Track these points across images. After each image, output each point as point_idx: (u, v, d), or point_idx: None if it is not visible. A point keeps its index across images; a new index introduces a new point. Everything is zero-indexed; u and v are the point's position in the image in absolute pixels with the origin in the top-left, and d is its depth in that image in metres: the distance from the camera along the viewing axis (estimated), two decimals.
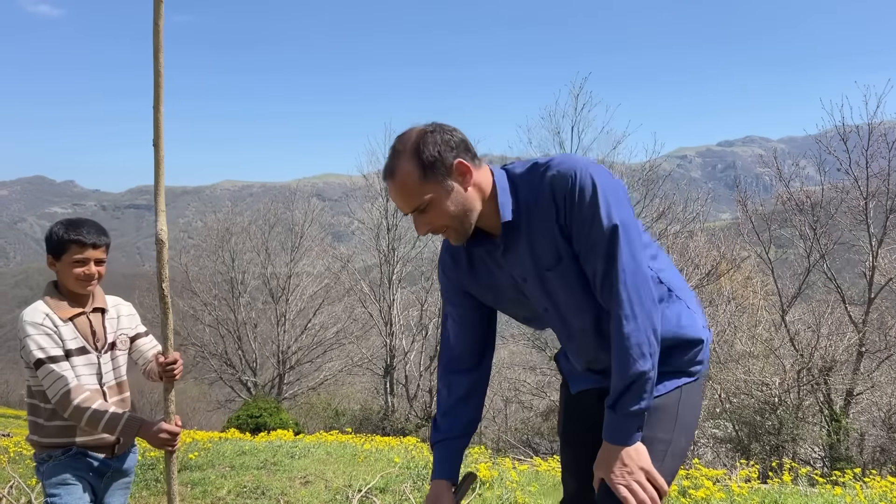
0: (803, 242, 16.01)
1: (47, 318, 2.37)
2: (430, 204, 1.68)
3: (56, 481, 2.38)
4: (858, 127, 15.08)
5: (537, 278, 1.77)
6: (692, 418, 1.84)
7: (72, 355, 2.38)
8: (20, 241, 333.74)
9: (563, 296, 1.77)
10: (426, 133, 1.68)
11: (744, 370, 14.32)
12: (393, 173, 1.68)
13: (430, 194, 1.68)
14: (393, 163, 1.69)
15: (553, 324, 1.89)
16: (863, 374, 14.17)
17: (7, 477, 5.71)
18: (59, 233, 2.40)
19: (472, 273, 1.92)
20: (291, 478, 5.66)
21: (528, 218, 1.73)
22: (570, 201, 1.64)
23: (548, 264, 1.74)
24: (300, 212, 26.86)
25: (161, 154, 2.32)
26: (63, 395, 2.29)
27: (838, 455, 12.64)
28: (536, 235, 1.72)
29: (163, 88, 2.29)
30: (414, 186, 1.67)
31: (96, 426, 2.33)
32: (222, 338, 24.87)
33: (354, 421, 21.46)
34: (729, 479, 6.23)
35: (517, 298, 1.88)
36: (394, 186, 1.69)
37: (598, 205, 1.61)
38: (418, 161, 1.66)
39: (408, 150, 1.67)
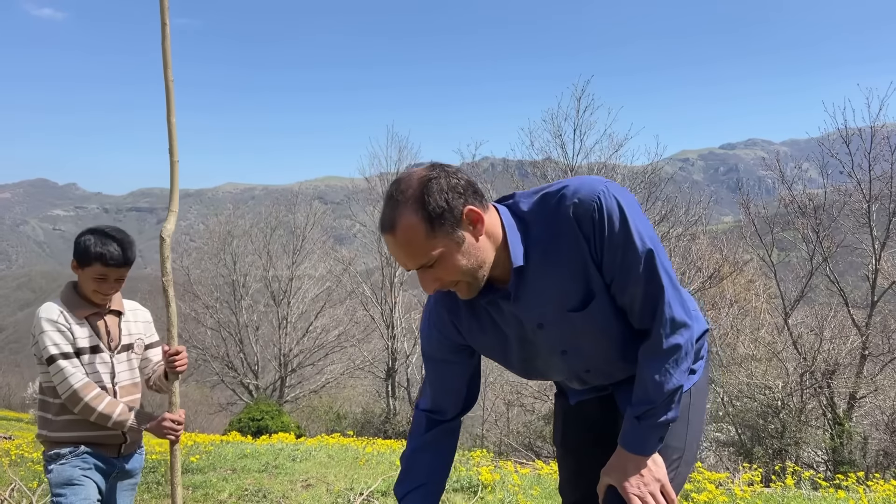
0: (806, 245, 15.98)
1: (62, 315, 2.40)
2: (438, 259, 1.49)
3: (62, 481, 2.40)
4: (861, 130, 15.07)
5: (557, 322, 1.63)
6: (701, 422, 1.82)
7: (83, 353, 2.42)
8: (22, 243, 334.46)
9: (591, 332, 1.64)
10: (430, 179, 1.47)
11: (746, 373, 14.29)
12: (394, 227, 1.47)
13: (438, 249, 1.48)
14: (393, 214, 1.48)
15: (568, 365, 1.74)
16: (866, 377, 14.13)
17: (8, 480, 5.71)
18: (88, 245, 2.40)
19: (473, 326, 1.73)
20: (293, 481, 5.65)
21: (545, 259, 1.57)
22: (601, 231, 1.50)
23: (573, 305, 1.59)
24: (302, 215, 26.88)
25: (175, 158, 2.51)
26: (73, 393, 2.34)
27: (841, 459, 12.61)
28: (556, 276, 1.57)
29: (173, 101, 2.50)
30: (420, 242, 1.47)
31: (106, 422, 2.39)
32: (224, 341, 24.87)
33: (356, 424, 21.45)
34: (732, 482, 6.20)
35: (525, 347, 1.72)
36: (395, 242, 1.49)
37: (630, 231, 1.50)
38: (423, 213, 1.45)
39: (410, 201, 1.46)
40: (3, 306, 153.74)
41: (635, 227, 1.51)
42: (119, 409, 2.40)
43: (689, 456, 1.76)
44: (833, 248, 15.45)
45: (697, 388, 1.81)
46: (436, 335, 1.79)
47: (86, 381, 2.36)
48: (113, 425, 2.40)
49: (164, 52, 2.49)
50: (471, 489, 5.22)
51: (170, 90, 2.48)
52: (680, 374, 1.61)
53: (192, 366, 25.06)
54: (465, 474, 5.56)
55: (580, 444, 1.99)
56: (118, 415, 2.39)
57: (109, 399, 2.40)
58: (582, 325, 1.62)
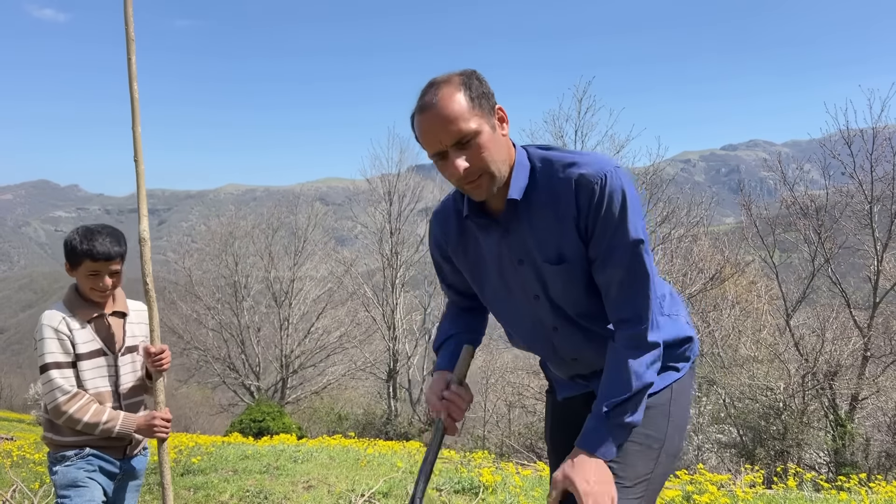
0: (808, 246, 15.95)
1: (64, 322, 2.40)
2: (473, 139, 1.51)
3: (67, 483, 2.41)
4: (863, 131, 15.04)
5: (534, 265, 1.69)
6: (684, 417, 1.82)
7: (83, 359, 2.41)
8: (24, 245, 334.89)
9: (561, 287, 1.69)
10: (470, 72, 1.57)
11: (748, 375, 14.27)
12: (434, 101, 1.50)
13: (476, 124, 1.51)
14: (435, 91, 1.51)
15: (538, 315, 1.77)
16: (868, 378, 14.09)
17: (10, 481, 5.71)
18: (74, 243, 2.41)
19: (459, 248, 1.81)
20: (294, 482, 5.64)
21: (540, 207, 1.62)
22: (597, 207, 1.55)
23: (547, 258, 1.65)
24: (303, 216, 26.90)
25: (141, 168, 2.59)
26: (55, 406, 2.35)
27: (843, 460, 12.58)
28: (542, 227, 1.63)
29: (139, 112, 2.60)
30: (462, 112, 1.49)
31: (93, 431, 2.39)
32: (225, 342, 24.88)
33: (357, 425, 21.45)
34: (733, 484, 6.20)
35: (502, 280, 1.77)
36: (436, 113, 1.50)
37: (626, 215, 1.55)
38: (465, 90, 1.52)
39: (453, 81, 1.53)
40: (5, 307, 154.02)
41: (631, 214, 1.56)
42: (105, 417, 2.39)
43: (672, 448, 1.75)
44: (835, 249, 15.42)
45: (681, 384, 1.81)
46: (436, 254, 1.92)
47: (71, 392, 2.35)
48: (100, 433, 2.40)
49: (130, 65, 2.56)
50: (472, 490, 5.22)
51: (135, 102, 2.55)
52: (651, 373, 1.61)
53: (194, 367, 25.09)
54: (466, 476, 5.56)
55: (565, 441, 1.99)
56: (105, 422, 2.38)
57: (95, 408, 2.39)
58: (553, 279, 1.67)
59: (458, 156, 1.52)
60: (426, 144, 1.55)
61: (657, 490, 1.74)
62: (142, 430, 2.46)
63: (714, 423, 15.14)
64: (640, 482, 1.66)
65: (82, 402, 2.37)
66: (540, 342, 1.85)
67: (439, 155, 1.55)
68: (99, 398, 2.44)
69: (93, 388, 2.43)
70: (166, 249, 44.10)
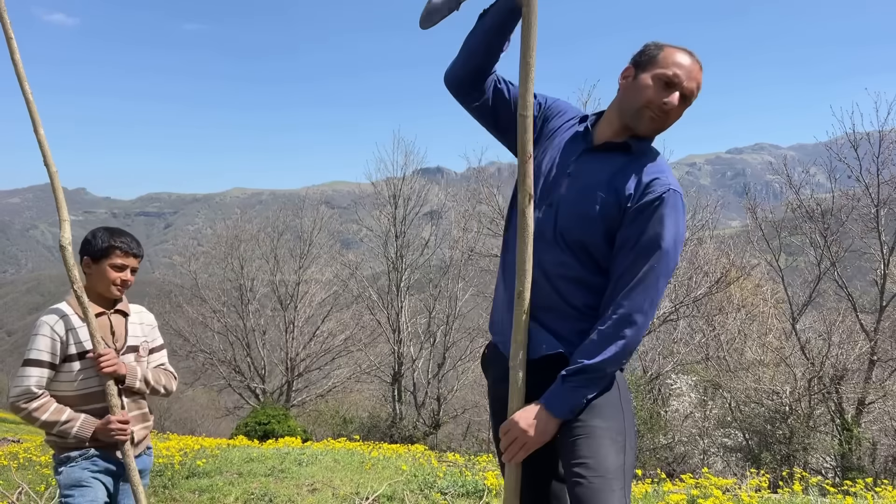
0: (814, 250, 15.90)
1: (62, 322, 2.43)
2: (688, 104, 1.93)
3: (71, 482, 2.43)
4: (869, 134, 14.99)
5: (575, 183, 1.94)
6: (632, 417, 1.92)
7: (73, 360, 2.44)
8: (32, 248, 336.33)
9: (577, 212, 1.90)
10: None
11: (754, 378, 14.22)
12: (699, 63, 1.94)
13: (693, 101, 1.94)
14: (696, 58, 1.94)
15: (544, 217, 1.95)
16: (875, 382, 14.02)
17: (16, 483, 5.74)
18: (104, 238, 2.51)
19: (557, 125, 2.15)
20: (299, 485, 5.65)
21: (627, 165, 1.91)
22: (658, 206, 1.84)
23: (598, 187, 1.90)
24: (309, 219, 26.91)
25: (53, 169, 2.58)
26: (13, 401, 2.38)
27: (850, 465, 12.52)
28: (615, 175, 1.90)
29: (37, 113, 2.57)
30: (700, 85, 1.94)
31: (51, 430, 2.41)
32: (231, 345, 24.91)
33: (362, 428, 21.44)
34: (739, 488, 6.18)
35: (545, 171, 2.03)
36: (696, 67, 1.92)
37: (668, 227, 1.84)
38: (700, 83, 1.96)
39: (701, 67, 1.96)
40: (13, 310, 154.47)
41: (672, 229, 1.84)
42: (65, 416, 2.40)
43: (632, 439, 1.87)
44: (841, 252, 15.36)
45: (622, 381, 1.94)
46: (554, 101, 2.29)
47: (36, 394, 2.38)
48: (58, 433, 2.41)
49: (16, 65, 2.55)
50: (476, 494, 5.22)
51: (30, 102, 2.55)
52: (626, 358, 1.83)
53: (200, 370, 25.11)
54: (470, 479, 5.56)
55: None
56: (63, 422, 2.39)
57: (55, 407, 2.40)
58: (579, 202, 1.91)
59: (680, 104, 1.90)
60: (676, 68, 1.89)
61: (630, 482, 1.83)
62: (100, 433, 2.44)
63: (720, 427, 15.10)
64: (617, 474, 1.74)
65: (43, 401, 2.39)
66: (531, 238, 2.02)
67: (671, 83, 1.88)
68: (86, 398, 2.46)
69: (79, 389, 2.45)
70: (172, 253, 44.22)
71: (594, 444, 1.76)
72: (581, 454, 1.75)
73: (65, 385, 2.45)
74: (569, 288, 1.91)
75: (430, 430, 21.85)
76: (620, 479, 1.74)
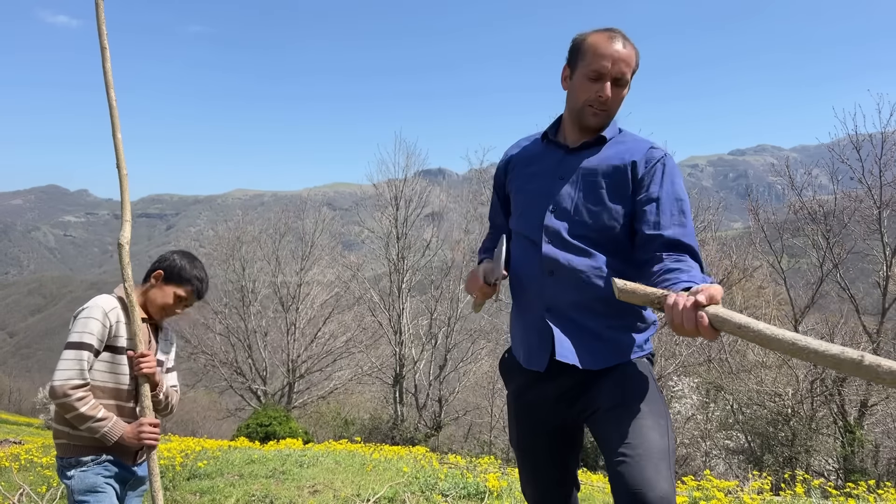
0: (816, 252, 15.87)
1: (116, 310, 2.44)
2: (625, 86, 2.00)
3: (85, 488, 2.41)
4: (872, 136, 14.97)
5: (569, 182, 2.02)
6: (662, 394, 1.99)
7: (119, 353, 2.44)
8: (34, 249, 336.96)
9: (579, 204, 1.99)
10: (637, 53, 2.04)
11: (756, 381, 14.20)
12: (623, 41, 1.97)
13: (630, 79, 2.00)
14: (623, 36, 1.99)
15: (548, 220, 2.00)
16: (877, 385, 13.99)
17: (17, 484, 5.74)
18: (187, 267, 2.56)
19: (524, 164, 2.20)
20: (300, 487, 5.65)
21: (609, 149, 2.03)
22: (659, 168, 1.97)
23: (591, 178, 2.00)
24: (311, 221, 26.96)
25: (124, 171, 2.64)
26: (62, 385, 2.32)
27: (852, 467, 12.49)
28: (604, 160, 2.01)
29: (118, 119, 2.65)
30: (633, 64, 1.98)
31: (81, 424, 2.36)
32: (233, 346, 24.94)
33: (363, 430, 21.45)
34: (741, 490, 6.16)
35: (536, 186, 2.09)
36: (622, 49, 1.95)
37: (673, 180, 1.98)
38: (636, 59, 2.01)
39: (632, 44, 2.00)
40: (14, 311, 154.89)
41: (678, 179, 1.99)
42: (101, 413, 2.37)
43: (671, 428, 1.88)
44: (843, 254, 15.33)
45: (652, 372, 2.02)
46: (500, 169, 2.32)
47: (85, 381, 2.35)
48: (87, 430, 2.37)
49: (106, 73, 2.63)
50: (478, 496, 5.21)
51: (113, 109, 2.62)
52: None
53: (201, 371, 25.13)
54: (472, 481, 5.55)
55: (532, 443, 2.13)
56: (98, 419, 2.36)
57: (93, 402, 2.37)
58: (580, 195, 1.99)
59: (615, 89, 1.98)
60: (598, 60, 1.95)
61: (673, 465, 1.80)
62: (129, 437, 2.43)
63: (722, 430, 15.07)
64: (662, 455, 1.74)
65: (86, 392, 2.36)
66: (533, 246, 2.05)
67: (598, 75, 1.96)
68: (118, 394, 2.45)
69: (115, 382, 2.44)
70: None
71: (638, 425, 1.77)
72: (625, 435, 1.76)
73: (100, 375, 2.43)
74: (595, 284, 1.94)
75: (432, 431, 21.84)
76: (666, 459, 1.73)
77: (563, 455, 2.12)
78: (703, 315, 1.50)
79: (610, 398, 1.88)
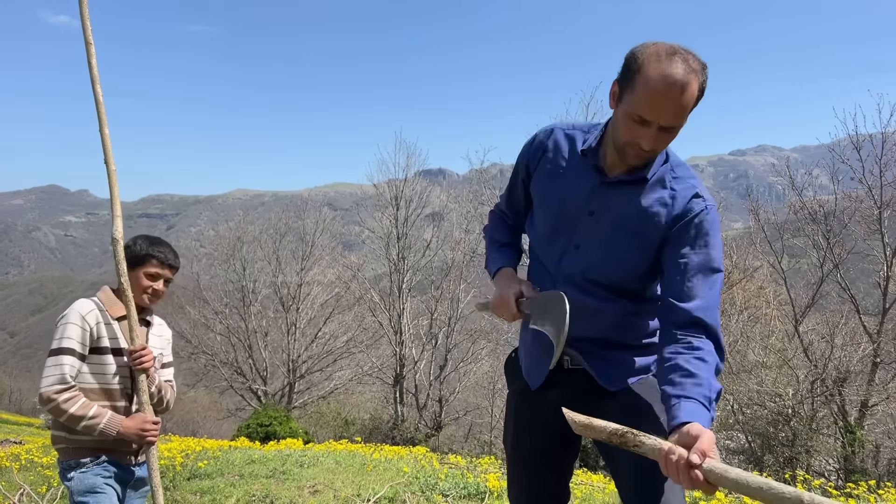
0: (816, 252, 15.85)
1: (94, 313, 2.44)
2: (676, 132, 1.72)
3: (85, 489, 2.41)
4: (872, 136, 14.95)
5: (601, 222, 1.85)
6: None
7: (104, 353, 2.44)
8: (34, 249, 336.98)
9: (607, 252, 1.85)
10: (705, 67, 1.69)
11: (757, 381, 14.19)
12: (685, 85, 1.62)
13: (684, 123, 1.71)
14: (687, 73, 1.63)
15: (570, 261, 1.90)
16: (878, 385, 13.99)
17: (17, 484, 5.74)
18: (143, 245, 2.55)
19: (552, 167, 1.96)
20: (300, 487, 5.65)
21: (651, 189, 1.82)
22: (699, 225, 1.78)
23: (627, 225, 1.82)
24: (311, 221, 26.97)
25: (112, 167, 2.62)
26: (48, 391, 2.34)
27: (853, 467, 12.48)
28: (643, 203, 1.81)
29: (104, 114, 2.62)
30: (688, 108, 1.66)
31: (76, 425, 2.37)
32: (233, 346, 24.94)
33: (364, 430, 21.45)
34: None
35: (560, 216, 1.92)
36: (676, 96, 1.63)
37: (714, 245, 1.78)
38: (699, 90, 1.66)
39: (699, 74, 1.65)
40: (15, 312, 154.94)
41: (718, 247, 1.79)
42: (92, 412, 2.36)
43: None
44: (844, 254, 15.32)
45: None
46: (526, 153, 2.04)
47: (68, 384, 2.35)
48: (83, 429, 2.37)
49: (91, 68, 2.63)
50: (478, 496, 5.21)
51: (100, 105, 2.61)
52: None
53: (202, 371, 25.14)
54: (472, 481, 5.55)
55: (531, 445, 2.06)
56: (90, 417, 2.36)
57: (83, 401, 2.37)
58: (609, 241, 1.84)
59: (656, 134, 1.69)
60: (647, 105, 1.65)
61: None
62: (128, 430, 2.42)
63: (722, 430, 15.04)
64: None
65: (73, 393, 2.36)
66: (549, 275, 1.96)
67: (643, 121, 1.68)
68: (108, 394, 2.44)
69: (105, 383, 2.44)
70: None
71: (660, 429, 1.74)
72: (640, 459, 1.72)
73: (87, 377, 2.43)
74: (610, 320, 1.90)
75: (432, 431, 21.85)
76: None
77: (559, 458, 2.07)
78: (699, 473, 1.45)
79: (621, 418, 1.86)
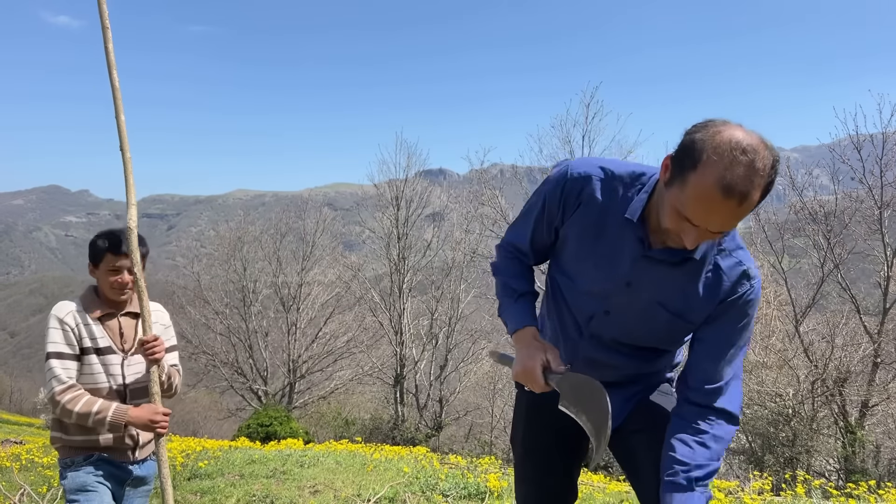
0: (817, 252, 15.84)
1: (72, 315, 2.43)
2: (730, 231, 1.62)
3: (76, 487, 2.41)
4: (873, 136, 14.94)
5: (640, 297, 1.76)
6: None
7: (89, 353, 2.43)
8: (35, 249, 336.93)
9: (642, 327, 1.81)
10: (777, 162, 1.46)
11: (757, 381, 14.18)
12: (743, 199, 1.43)
13: (737, 224, 1.55)
14: (750, 187, 1.43)
15: (598, 324, 1.86)
16: (878, 385, 13.98)
17: (18, 484, 5.75)
18: (97, 242, 2.51)
19: (592, 219, 1.77)
20: (301, 487, 5.65)
21: (697, 267, 1.70)
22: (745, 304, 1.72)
23: (667, 305, 1.74)
24: (312, 221, 26.97)
25: (128, 155, 2.55)
26: (51, 396, 2.36)
27: (853, 467, 12.48)
28: (686, 284, 1.72)
29: (121, 100, 2.56)
30: (744, 215, 1.49)
31: (85, 422, 2.37)
32: (234, 346, 24.95)
33: (364, 430, 21.45)
34: (742, 491, 6.16)
35: (594, 279, 1.80)
36: (729, 210, 1.45)
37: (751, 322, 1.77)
38: (762, 198, 1.47)
39: (763, 181, 1.44)
40: (16, 312, 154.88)
41: (753, 322, 1.78)
42: (97, 407, 2.36)
43: None
44: (844, 254, 15.30)
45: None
46: (565, 194, 1.80)
47: (67, 384, 2.36)
48: (93, 424, 2.37)
49: (108, 54, 2.55)
50: (478, 496, 5.21)
51: (116, 91, 2.55)
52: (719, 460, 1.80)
53: (202, 371, 25.14)
54: (472, 481, 5.55)
55: (540, 443, 2.07)
56: (96, 412, 2.35)
57: (87, 398, 2.37)
58: (644, 317, 1.77)
59: (702, 235, 1.53)
60: (694, 212, 1.48)
61: None
62: (138, 420, 2.41)
63: None
64: None
65: (75, 393, 2.36)
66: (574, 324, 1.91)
67: (690, 221, 1.51)
68: (99, 394, 2.44)
69: (93, 384, 2.43)
70: (175, 254, 44.32)
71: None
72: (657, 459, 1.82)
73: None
74: (634, 373, 1.95)
75: (432, 432, 21.84)
76: None
77: (569, 458, 2.08)
78: None
79: (637, 423, 1.92)
